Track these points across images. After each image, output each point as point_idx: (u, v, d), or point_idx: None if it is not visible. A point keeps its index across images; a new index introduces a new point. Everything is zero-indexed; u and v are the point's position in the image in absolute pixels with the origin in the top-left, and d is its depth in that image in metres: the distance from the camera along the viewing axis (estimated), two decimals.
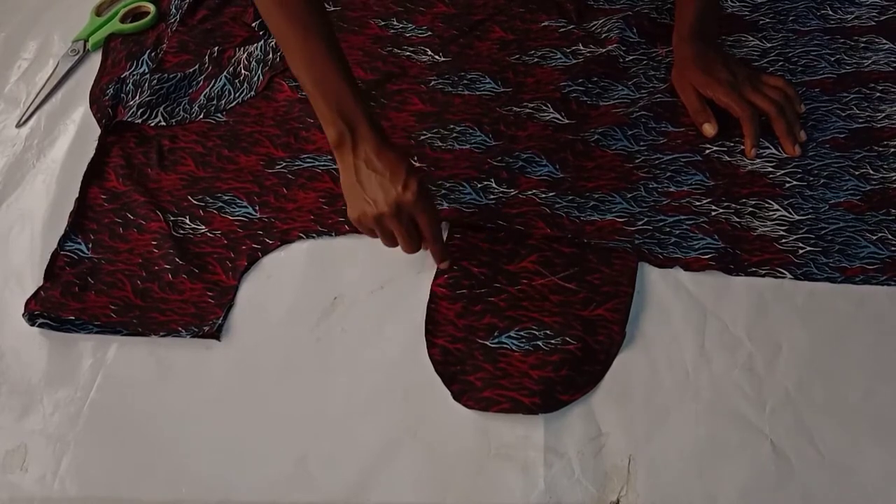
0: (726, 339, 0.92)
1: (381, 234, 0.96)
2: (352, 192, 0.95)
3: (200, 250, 1.05)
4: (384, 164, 0.93)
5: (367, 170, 0.93)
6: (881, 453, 0.83)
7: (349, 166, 0.95)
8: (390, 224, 0.94)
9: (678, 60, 1.14)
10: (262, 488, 0.86)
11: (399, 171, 0.92)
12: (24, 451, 0.90)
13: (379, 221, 0.94)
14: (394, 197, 0.92)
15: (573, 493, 0.83)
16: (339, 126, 0.93)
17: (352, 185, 0.95)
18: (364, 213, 0.94)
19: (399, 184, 0.92)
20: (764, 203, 1.02)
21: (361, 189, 0.94)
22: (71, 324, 0.98)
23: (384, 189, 0.92)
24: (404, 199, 0.92)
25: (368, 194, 0.93)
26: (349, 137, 0.94)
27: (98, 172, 1.14)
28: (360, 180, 0.94)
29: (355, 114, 0.93)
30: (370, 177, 0.93)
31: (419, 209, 0.93)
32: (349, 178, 0.95)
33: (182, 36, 1.32)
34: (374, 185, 0.93)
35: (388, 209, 0.92)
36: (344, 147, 0.95)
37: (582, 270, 0.98)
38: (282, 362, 0.95)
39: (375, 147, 0.93)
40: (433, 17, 1.31)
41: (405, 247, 0.96)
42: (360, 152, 0.94)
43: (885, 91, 1.12)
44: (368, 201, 0.93)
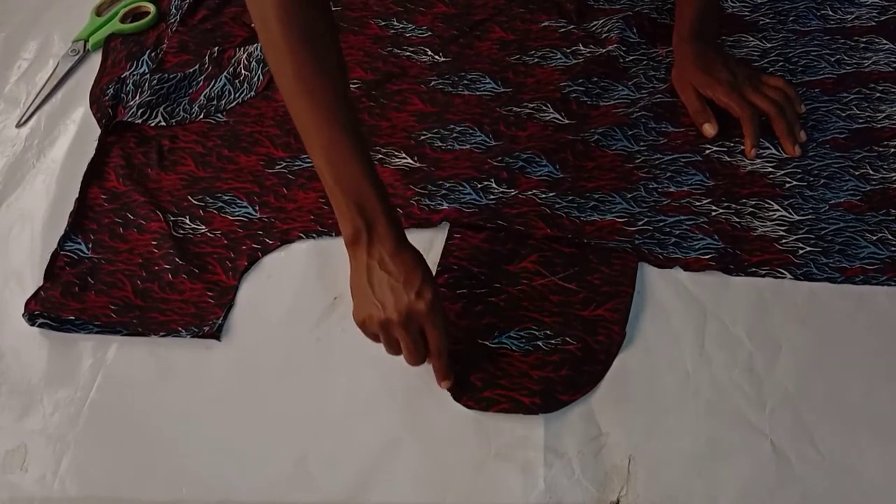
0: (726, 339, 0.92)
1: (385, 340, 0.89)
2: (360, 292, 0.89)
3: (200, 250, 1.05)
4: (399, 267, 0.87)
5: (379, 271, 0.87)
6: (881, 453, 0.83)
7: (361, 265, 0.89)
8: (396, 332, 0.87)
9: (678, 60, 1.14)
10: (262, 488, 0.86)
11: (414, 276, 0.86)
12: (24, 451, 0.90)
13: (385, 328, 0.87)
14: (405, 304, 0.85)
15: (573, 493, 0.83)
16: (357, 223, 0.87)
17: (361, 286, 0.89)
18: (370, 317, 0.88)
19: (412, 291, 0.85)
20: (764, 203, 1.02)
21: (371, 291, 0.87)
22: (71, 324, 0.98)
23: (395, 294, 0.86)
24: (416, 308, 0.85)
25: (378, 297, 0.87)
26: (365, 235, 0.87)
27: (98, 172, 1.14)
28: (370, 281, 0.87)
29: (375, 212, 0.87)
30: (382, 279, 0.87)
31: (429, 321, 0.86)
32: (359, 277, 0.89)
33: (182, 36, 1.32)
34: (386, 288, 0.86)
35: (397, 316, 0.85)
36: (358, 244, 0.89)
37: (582, 270, 0.98)
38: (282, 362, 0.95)
39: (392, 248, 0.87)
40: (433, 18, 1.31)
41: (409, 358, 0.89)
42: (374, 252, 0.88)
43: (885, 91, 1.12)
44: (377, 304, 0.86)
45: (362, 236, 0.88)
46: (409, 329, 0.86)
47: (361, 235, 0.88)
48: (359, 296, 0.89)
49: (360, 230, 0.87)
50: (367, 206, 0.87)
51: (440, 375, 0.90)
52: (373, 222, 0.87)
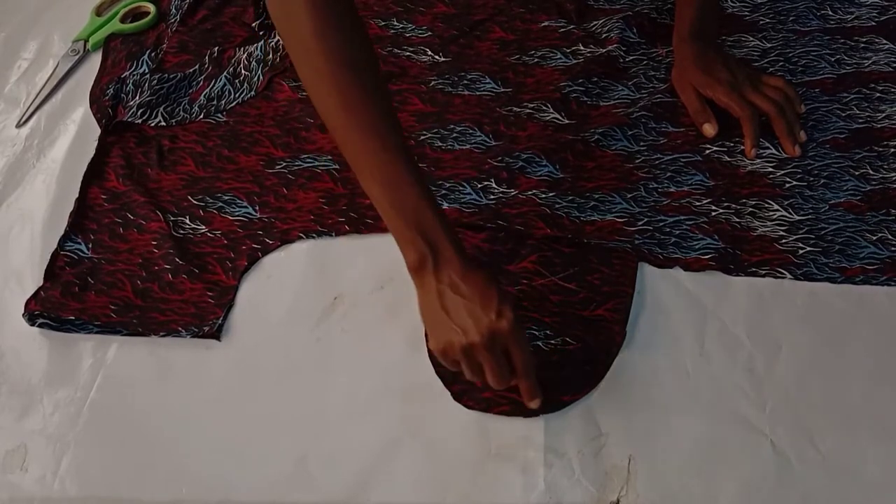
0: (726, 339, 0.92)
1: (468, 366, 0.85)
2: (435, 319, 0.86)
3: (200, 250, 1.05)
4: (472, 288, 0.84)
5: (452, 295, 0.84)
6: (881, 453, 0.83)
7: (430, 291, 0.86)
8: (481, 356, 0.83)
9: (678, 60, 1.14)
10: (262, 488, 0.86)
11: (490, 296, 0.84)
12: (24, 451, 0.90)
13: (468, 353, 0.84)
14: (486, 325, 0.82)
15: (573, 493, 0.83)
16: (420, 247, 0.85)
17: (434, 312, 0.86)
18: (450, 344, 0.84)
19: (492, 311, 0.82)
20: (764, 203, 1.02)
21: (447, 317, 0.84)
22: (71, 324, 0.98)
23: (475, 317, 0.83)
24: (499, 328, 0.82)
25: (456, 322, 0.83)
26: (431, 260, 0.85)
27: (98, 172, 1.14)
28: (444, 307, 0.85)
29: (437, 233, 0.85)
30: (457, 303, 0.84)
31: (514, 340, 0.83)
32: (431, 304, 0.86)
33: (182, 36, 1.32)
34: (463, 312, 0.83)
35: (481, 339, 0.82)
36: (425, 270, 0.86)
37: (582, 270, 0.98)
38: (282, 362, 0.94)
39: (461, 270, 0.85)
40: (433, 18, 1.31)
41: (496, 381, 0.84)
42: (443, 276, 0.85)
43: (885, 91, 1.12)
44: (456, 330, 0.83)
45: (428, 261, 0.86)
46: (493, 351, 0.83)
47: (427, 260, 0.86)
48: (434, 323, 0.86)
49: (426, 255, 0.85)
50: (429, 228, 0.85)
51: (529, 395, 0.87)
52: (437, 245, 0.85)
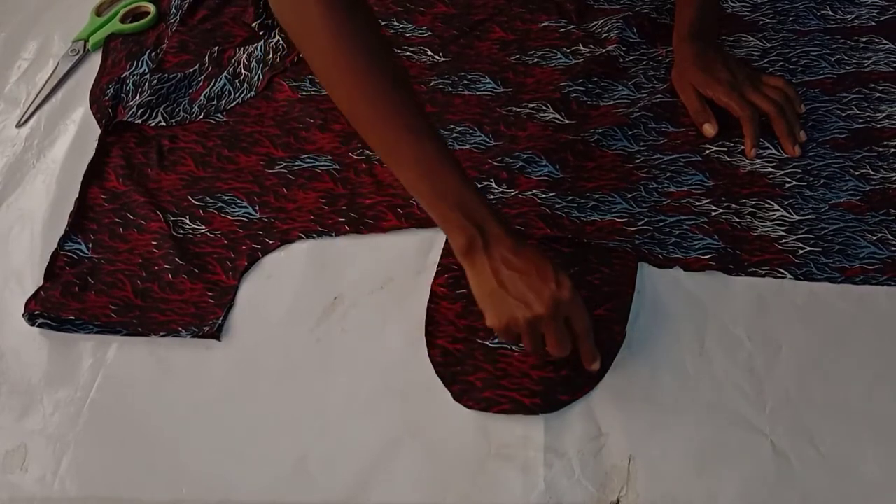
0: (726, 339, 0.92)
1: (531, 338, 0.87)
2: (493, 297, 0.87)
3: (200, 250, 1.05)
4: (526, 262, 0.85)
5: (508, 271, 0.86)
6: (881, 453, 0.83)
7: (484, 271, 0.87)
8: (546, 326, 0.85)
9: (678, 60, 1.14)
10: (262, 488, 0.86)
11: (545, 267, 0.85)
12: (24, 451, 0.90)
13: (533, 325, 0.85)
14: (549, 296, 0.84)
15: (573, 493, 0.83)
16: (468, 229, 0.86)
17: (492, 291, 0.87)
18: (514, 319, 0.85)
19: (551, 281, 0.84)
20: (764, 203, 1.02)
21: (506, 293, 0.85)
22: (71, 324, 0.98)
23: (535, 289, 0.84)
24: (561, 297, 0.84)
25: (517, 297, 0.85)
26: (480, 240, 0.86)
27: (98, 172, 1.14)
28: (502, 283, 0.86)
29: (482, 213, 0.86)
30: (514, 278, 0.85)
31: (575, 306, 0.85)
32: (487, 283, 0.87)
33: (182, 36, 1.32)
34: (522, 286, 0.85)
35: (547, 310, 0.84)
36: (475, 251, 0.87)
37: (582, 270, 0.98)
38: (282, 362, 0.94)
39: (512, 245, 0.86)
40: (433, 18, 1.31)
41: (560, 350, 0.86)
42: (494, 254, 0.86)
43: (885, 91, 1.12)
44: (519, 305, 0.84)
45: (477, 241, 0.87)
46: (557, 320, 0.85)
47: (476, 241, 0.87)
48: (493, 301, 0.87)
49: (474, 236, 0.86)
50: (473, 209, 0.86)
51: (590, 358, 0.89)
52: (484, 225, 0.86)
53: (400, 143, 0.87)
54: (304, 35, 0.87)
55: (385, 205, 1.06)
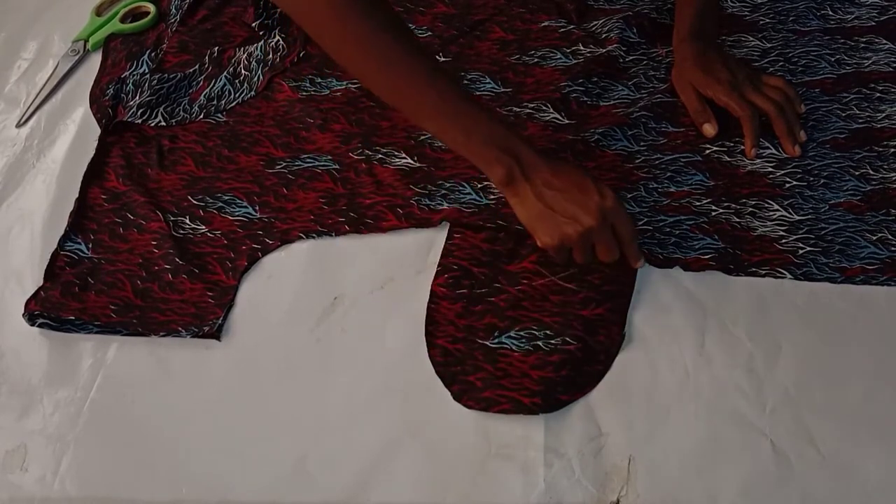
0: (726, 339, 0.92)
1: (583, 250, 0.94)
2: (543, 219, 0.93)
3: (200, 250, 1.05)
4: (566, 181, 0.91)
5: (551, 192, 0.91)
6: (881, 453, 0.83)
7: (528, 197, 0.93)
8: (597, 236, 0.92)
9: (678, 60, 1.14)
10: (262, 488, 0.86)
11: (585, 182, 0.91)
12: (24, 451, 0.90)
13: (584, 237, 0.92)
14: (596, 208, 0.90)
15: (573, 493, 0.83)
16: (505, 161, 0.91)
17: (540, 214, 0.92)
18: (566, 235, 0.92)
19: (594, 193, 0.90)
20: (764, 203, 1.02)
21: (553, 213, 0.91)
22: (71, 324, 0.98)
23: (581, 204, 0.90)
24: (606, 206, 0.90)
25: (565, 215, 0.91)
26: (518, 168, 0.91)
27: (98, 172, 1.14)
28: (548, 205, 0.91)
29: (515, 143, 0.92)
30: (558, 198, 0.91)
31: (619, 212, 0.91)
32: (533, 207, 0.92)
33: (182, 36, 1.32)
34: (568, 204, 0.91)
35: (596, 221, 0.90)
36: (515, 181, 0.92)
37: (582, 270, 0.98)
38: (282, 362, 0.95)
39: (549, 169, 0.91)
40: (433, 18, 1.31)
41: (609, 255, 0.94)
42: (534, 179, 0.92)
43: (885, 91, 1.12)
44: (568, 221, 0.91)
45: (515, 171, 0.92)
46: (605, 228, 0.91)
47: (514, 171, 0.92)
48: (542, 223, 0.93)
49: (512, 166, 0.92)
50: (505, 141, 0.92)
51: (635, 257, 0.96)
52: (519, 153, 0.92)
53: (423, 97, 0.91)
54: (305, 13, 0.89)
55: (385, 205, 1.06)
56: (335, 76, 1.23)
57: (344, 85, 1.22)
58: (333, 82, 1.22)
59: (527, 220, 0.94)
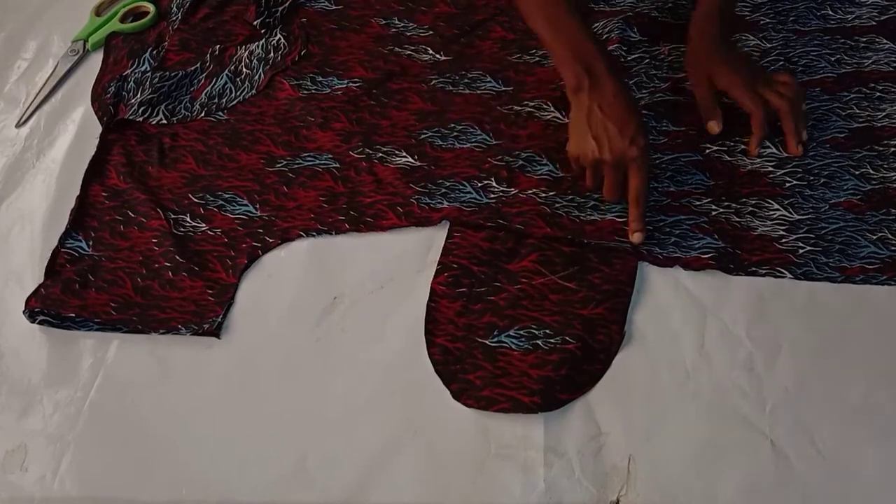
0: (726, 338, 0.92)
1: (592, 176, 1.01)
2: (579, 130, 1.00)
3: (201, 248, 1.05)
4: (616, 112, 0.97)
5: (599, 113, 0.97)
6: (881, 453, 0.83)
7: (583, 108, 0.99)
8: (607, 172, 0.99)
9: (695, 49, 1.12)
10: (262, 488, 0.86)
11: (630, 123, 0.97)
12: (24, 451, 0.90)
13: (596, 165, 0.99)
14: (618, 147, 0.96)
15: (573, 492, 0.83)
16: (577, 69, 0.99)
17: (580, 123, 0.99)
18: (584, 153, 0.99)
19: (627, 137, 0.96)
20: (764, 203, 1.02)
21: (589, 129, 0.98)
22: (71, 321, 0.99)
23: (610, 137, 0.97)
24: (628, 154, 0.96)
25: (595, 137, 0.98)
26: (587, 80, 0.98)
27: (99, 170, 1.14)
28: (590, 122, 0.98)
29: (593, 55, 0.99)
30: (600, 122, 0.97)
31: (636, 166, 0.97)
32: (580, 115, 0.99)
33: (183, 34, 1.32)
34: (602, 130, 0.97)
35: (610, 157, 0.97)
36: (581, 91, 0.99)
37: (582, 269, 0.98)
38: (282, 362, 0.95)
39: (613, 91, 0.98)
40: (434, 17, 1.31)
41: (610, 194, 1.00)
42: (595, 96, 0.98)
43: (885, 91, 1.12)
44: (592, 144, 0.98)
45: (584, 83, 0.99)
46: (617, 170, 0.98)
47: (583, 81, 0.99)
48: (577, 132, 1.01)
49: (582, 76, 0.99)
50: (587, 55, 0.99)
51: (635, 224, 0.99)
52: (593, 66, 0.98)
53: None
54: None
55: (385, 203, 1.06)
56: (336, 75, 1.23)
57: (345, 84, 1.22)
58: (334, 81, 1.22)
59: (571, 125, 1.02)
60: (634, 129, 0.96)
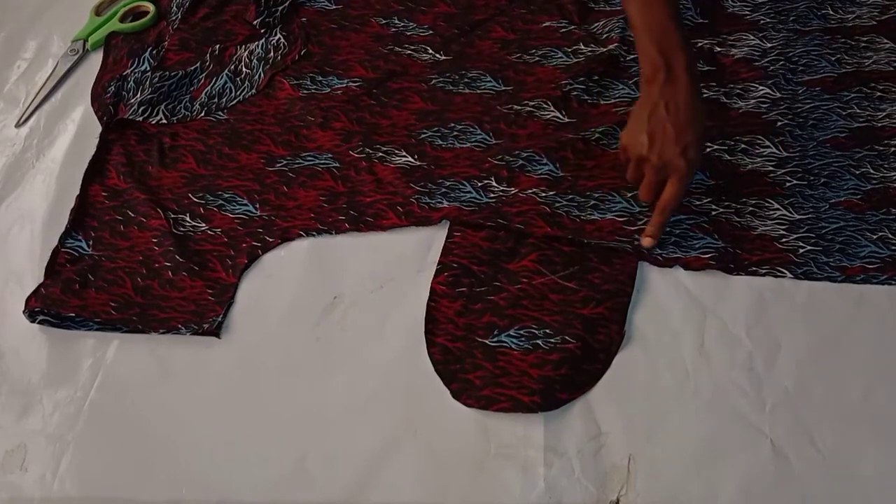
0: (726, 338, 0.92)
1: (633, 169, 0.99)
2: (637, 120, 0.97)
3: (201, 248, 1.05)
4: (680, 117, 0.94)
5: (662, 111, 0.94)
6: (881, 453, 0.83)
7: (649, 101, 0.96)
8: (647, 170, 0.96)
9: None
10: (262, 488, 0.86)
11: (688, 132, 0.94)
12: (23, 451, 0.90)
13: (639, 162, 0.97)
14: (666, 154, 0.94)
15: (573, 492, 0.83)
16: (656, 59, 0.95)
17: (641, 115, 0.96)
18: (632, 147, 0.97)
19: (680, 145, 0.93)
20: (764, 202, 1.02)
21: (647, 123, 0.95)
22: (71, 321, 0.99)
23: (663, 141, 0.94)
24: (674, 163, 0.94)
25: (649, 133, 0.95)
26: (663, 74, 0.95)
27: (99, 170, 1.14)
28: (651, 116, 0.95)
29: (676, 49, 0.95)
30: (660, 120, 0.94)
31: (677, 178, 0.94)
32: (643, 108, 0.96)
33: (183, 34, 1.32)
34: (659, 130, 0.94)
35: (655, 160, 0.95)
36: (653, 83, 0.96)
37: (582, 269, 0.98)
38: (282, 362, 0.95)
39: (685, 92, 0.94)
40: (434, 17, 1.31)
41: (645, 195, 0.98)
42: (666, 91, 0.94)
43: (885, 90, 1.12)
44: (643, 140, 0.95)
45: (660, 76, 0.95)
46: (658, 174, 0.95)
47: (659, 75, 0.95)
48: (635, 124, 0.98)
49: (659, 69, 0.95)
50: (669, 48, 0.94)
51: (652, 230, 0.97)
52: (672, 64, 0.94)
53: None
54: None
55: (385, 203, 1.06)
56: (336, 74, 1.23)
57: (345, 83, 1.22)
58: (334, 80, 1.22)
59: (630, 113, 0.99)
60: (690, 140, 0.94)
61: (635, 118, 0.98)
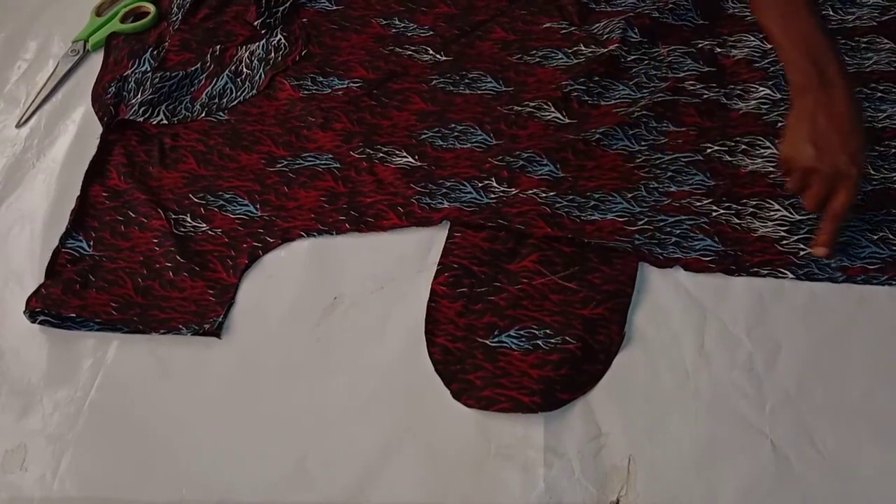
0: (726, 339, 0.92)
1: (798, 179, 0.95)
2: (799, 131, 0.94)
3: (201, 248, 1.05)
4: (842, 123, 0.91)
5: (825, 120, 0.92)
6: (881, 453, 0.83)
7: (807, 108, 0.93)
8: (816, 180, 0.93)
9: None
10: (262, 488, 0.86)
11: (853, 138, 0.91)
12: (23, 451, 0.90)
13: (806, 173, 0.94)
14: (837, 163, 0.91)
15: (573, 493, 0.83)
16: (809, 69, 0.93)
17: (800, 125, 0.94)
18: (796, 158, 0.94)
19: (848, 153, 0.90)
20: (765, 203, 1.02)
21: (809, 134, 0.92)
22: (72, 321, 0.99)
23: (832, 148, 0.91)
24: (844, 171, 0.91)
25: (814, 143, 0.92)
26: (816, 84, 0.92)
27: (100, 170, 1.14)
28: (813, 126, 0.92)
29: (828, 57, 0.92)
30: (825, 129, 0.92)
31: (848, 185, 0.91)
32: (801, 118, 0.94)
33: (184, 34, 1.32)
34: (824, 139, 0.92)
35: (827, 169, 0.91)
36: (807, 93, 0.93)
37: (582, 269, 0.98)
38: (282, 362, 0.94)
39: (843, 99, 0.92)
40: (435, 17, 1.31)
41: (810, 204, 0.95)
42: (823, 99, 0.92)
43: (886, 91, 1.11)
44: (810, 150, 0.92)
45: (813, 83, 0.92)
46: (826, 183, 0.92)
47: (813, 83, 0.92)
48: (795, 135, 0.94)
49: (813, 78, 0.92)
50: (821, 56, 0.92)
51: (825, 238, 0.95)
52: (826, 73, 0.92)
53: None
54: None
55: (385, 203, 1.06)
56: (336, 75, 1.23)
57: (345, 84, 1.22)
58: (335, 81, 1.22)
59: (787, 126, 0.96)
60: (856, 146, 0.91)
61: (793, 129, 0.95)
